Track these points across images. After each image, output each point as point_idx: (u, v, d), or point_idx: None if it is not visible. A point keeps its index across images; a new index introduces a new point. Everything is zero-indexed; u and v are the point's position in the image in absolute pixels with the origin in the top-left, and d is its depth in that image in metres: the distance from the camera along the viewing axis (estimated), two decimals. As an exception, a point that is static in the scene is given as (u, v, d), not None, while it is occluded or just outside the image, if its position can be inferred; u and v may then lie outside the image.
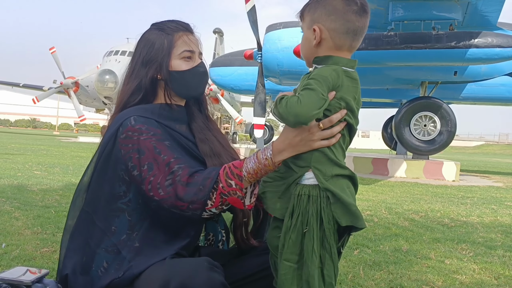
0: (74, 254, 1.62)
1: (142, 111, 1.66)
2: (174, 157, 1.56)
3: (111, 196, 1.61)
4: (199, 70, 1.75)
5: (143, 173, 1.54)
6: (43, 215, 4.19)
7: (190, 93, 1.78)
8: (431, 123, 10.89)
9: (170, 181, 1.51)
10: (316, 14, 1.51)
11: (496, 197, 7.67)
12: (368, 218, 4.92)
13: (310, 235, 1.43)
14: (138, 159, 1.55)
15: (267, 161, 1.48)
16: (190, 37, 1.76)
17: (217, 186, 1.50)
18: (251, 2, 10.87)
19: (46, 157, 11.46)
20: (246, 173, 1.49)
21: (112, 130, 1.63)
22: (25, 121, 76.20)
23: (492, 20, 9.58)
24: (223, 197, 1.51)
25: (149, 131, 1.59)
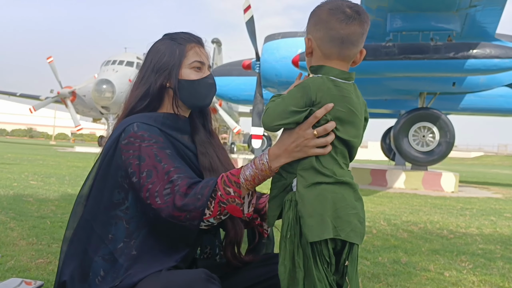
0: (72, 261, 1.60)
1: (146, 118, 1.66)
2: (174, 166, 1.55)
3: (110, 203, 1.59)
4: (208, 81, 1.77)
5: (141, 180, 1.53)
6: (38, 225, 4.14)
7: (197, 103, 1.78)
8: (430, 134, 10.89)
9: (168, 190, 1.50)
10: (308, 26, 1.56)
11: (495, 208, 7.64)
12: (367, 229, 4.88)
13: (291, 241, 1.42)
14: (138, 165, 1.55)
15: (263, 166, 1.48)
16: (202, 49, 1.78)
17: (215, 195, 1.49)
18: (250, 12, 10.92)
19: (42, 167, 11.41)
20: (244, 180, 1.49)
21: (114, 136, 1.63)
22: (22, 131, 75.96)
23: (490, 31, 9.63)
24: (221, 206, 1.49)
25: (151, 138, 1.59)
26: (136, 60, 30.57)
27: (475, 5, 8.57)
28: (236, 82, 15.04)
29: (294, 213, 1.42)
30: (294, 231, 1.41)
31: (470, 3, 8.49)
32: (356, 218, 1.43)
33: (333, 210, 1.40)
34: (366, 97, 6.42)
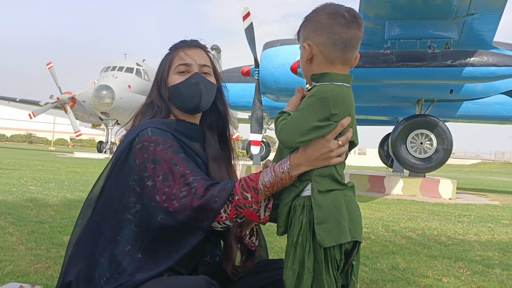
0: (79, 262, 1.61)
1: (159, 123, 1.68)
2: (190, 169, 1.57)
3: (121, 206, 1.60)
4: (191, 81, 1.75)
5: (157, 184, 1.54)
6: (37, 230, 4.15)
7: (186, 106, 1.77)
8: (428, 141, 10.92)
9: (185, 192, 1.51)
10: (306, 31, 1.54)
11: (493, 215, 7.66)
12: (365, 235, 4.90)
13: (302, 246, 1.42)
14: (153, 169, 1.56)
15: (284, 174, 1.47)
16: (189, 51, 1.79)
17: (232, 199, 1.50)
18: (249, 19, 10.97)
19: (41, 173, 11.40)
20: (262, 186, 1.50)
21: (128, 140, 1.64)
22: (21, 136, 75.92)
23: (487, 39, 9.69)
24: (238, 210, 1.50)
25: (166, 143, 1.60)
26: (136, 66, 30.65)
27: (473, 13, 8.63)
28: (235, 88, 15.07)
29: (308, 218, 1.43)
30: (306, 236, 1.42)
31: (468, 11, 8.55)
32: (360, 218, 1.50)
33: (348, 214, 1.44)
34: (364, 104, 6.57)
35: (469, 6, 8.33)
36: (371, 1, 8.45)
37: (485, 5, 8.27)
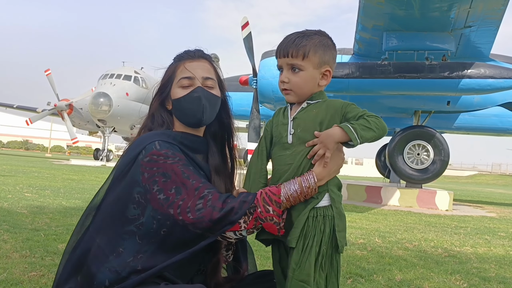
0: (72, 272, 1.60)
1: (165, 136, 1.66)
2: (202, 182, 1.57)
3: (124, 218, 1.58)
4: (193, 96, 1.73)
5: (171, 197, 1.53)
6: (32, 238, 4.12)
7: (189, 120, 1.75)
8: (424, 152, 10.94)
9: (200, 205, 1.51)
10: (327, 57, 1.66)
11: (489, 227, 7.65)
12: (362, 246, 4.88)
13: (327, 253, 1.53)
14: (164, 182, 1.54)
15: (309, 189, 1.54)
16: (192, 63, 1.76)
17: (254, 211, 1.52)
18: (247, 29, 11.00)
19: (37, 179, 11.36)
20: (285, 200, 1.54)
21: (133, 153, 1.62)
22: (18, 143, 75.67)
23: (485, 52, 9.74)
24: (258, 221, 1.52)
25: (175, 156, 1.60)
26: (134, 74, 30.67)
27: (470, 25, 8.68)
28: (233, 97, 15.02)
29: (330, 227, 1.54)
30: (328, 244, 1.54)
31: (465, 23, 8.61)
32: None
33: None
34: (361, 115, 6.25)
35: (467, 18, 8.39)
36: (369, 13, 8.50)
37: (482, 17, 8.33)
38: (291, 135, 1.62)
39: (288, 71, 1.65)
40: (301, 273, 1.49)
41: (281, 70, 1.69)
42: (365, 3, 8.16)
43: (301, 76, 1.64)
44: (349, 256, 4.31)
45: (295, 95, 1.65)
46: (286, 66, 1.66)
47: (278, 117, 1.72)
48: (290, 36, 1.67)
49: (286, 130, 1.65)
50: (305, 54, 1.62)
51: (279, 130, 1.67)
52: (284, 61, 1.65)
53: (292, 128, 1.63)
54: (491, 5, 7.85)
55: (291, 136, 1.62)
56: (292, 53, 1.63)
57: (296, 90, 1.65)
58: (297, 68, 1.64)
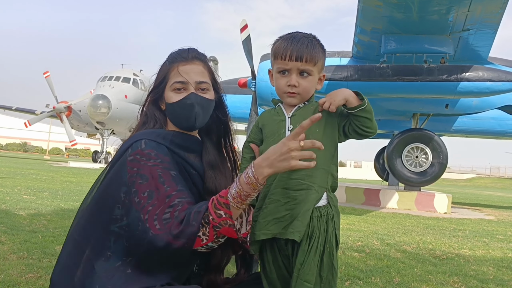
0: (65, 276, 1.58)
1: (154, 135, 1.65)
2: (177, 189, 1.54)
3: (108, 218, 1.56)
4: (186, 102, 1.72)
5: (142, 200, 1.51)
6: (30, 240, 4.11)
7: (182, 124, 1.75)
8: (423, 155, 10.95)
9: (168, 214, 1.49)
10: (324, 63, 1.71)
11: (487, 230, 7.65)
12: (360, 248, 4.88)
13: (330, 252, 1.55)
14: (140, 184, 1.53)
15: (249, 179, 1.47)
16: (186, 66, 1.74)
17: (208, 220, 1.48)
18: (246, 31, 11.02)
19: (35, 181, 11.34)
20: (232, 199, 1.48)
21: (121, 150, 1.63)
22: (16, 145, 75.66)
23: (483, 55, 9.75)
24: (216, 230, 1.49)
25: (157, 158, 1.57)
26: (133, 77, 30.68)
27: (468, 28, 8.70)
28: (231, 100, 15.00)
29: (333, 226, 1.57)
30: (331, 243, 1.56)
31: (464, 26, 8.62)
32: None
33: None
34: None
35: (465, 21, 8.41)
36: (368, 16, 8.52)
37: (481, 21, 8.35)
38: (290, 130, 1.63)
39: (298, 75, 1.65)
40: (305, 273, 1.51)
41: (283, 73, 1.67)
42: (363, 6, 8.18)
43: (310, 81, 1.66)
44: (347, 258, 4.31)
45: (300, 98, 1.67)
46: (296, 70, 1.64)
47: (270, 116, 1.72)
48: (296, 38, 1.66)
49: (283, 126, 1.65)
50: (317, 60, 1.65)
51: (275, 127, 1.67)
52: (296, 65, 1.64)
53: (291, 124, 1.64)
54: (489, 9, 7.87)
55: (290, 132, 1.62)
56: (307, 59, 1.63)
57: (303, 94, 1.66)
58: (306, 72, 1.65)
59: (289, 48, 1.63)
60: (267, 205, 1.57)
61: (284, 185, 1.57)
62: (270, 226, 1.55)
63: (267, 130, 1.69)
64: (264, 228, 1.56)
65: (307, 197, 1.55)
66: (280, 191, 1.57)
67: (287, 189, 1.56)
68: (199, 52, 1.83)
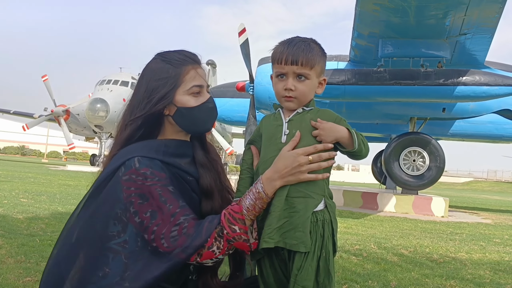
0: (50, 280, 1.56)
1: (146, 150, 1.60)
2: (179, 206, 1.53)
3: (104, 235, 1.53)
4: (208, 106, 1.71)
5: (145, 221, 1.49)
6: (27, 243, 4.12)
7: (198, 129, 1.73)
8: (420, 159, 10.97)
9: (175, 232, 1.48)
10: (324, 67, 1.71)
11: (484, 233, 7.68)
12: (357, 252, 4.89)
13: (326, 257, 1.54)
14: (140, 204, 1.50)
15: (260, 194, 1.52)
16: (199, 70, 1.71)
17: (222, 234, 1.50)
18: (244, 35, 11.05)
19: (33, 185, 11.33)
20: (246, 211, 1.52)
21: (113, 167, 1.57)
22: (14, 148, 75.47)
23: (480, 59, 9.79)
24: (230, 243, 1.51)
25: (154, 176, 1.54)
26: (131, 80, 30.71)
27: (465, 33, 8.74)
28: (230, 103, 15.10)
29: (329, 231, 1.57)
30: (328, 248, 1.56)
31: (460, 31, 8.66)
32: None
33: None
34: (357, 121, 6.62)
35: (462, 26, 8.44)
36: (365, 20, 8.55)
37: (477, 25, 8.39)
38: (286, 135, 1.63)
39: (294, 79, 1.65)
40: (303, 279, 1.50)
41: (281, 77, 1.68)
42: (360, 10, 8.21)
43: (307, 85, 1.66)
44: (345, 262, 4.32)
45: (298, 102, 1.66)
46: (292, 74, 1.65)
47: (269, 120, 1.73)
48: (293, 42, 1.67)
49: (280, 131, 1.65)
50: (314, 63, 1.64)
51: (272, 131, 1.67)
52: (292, 68, 1.64)
53: (288, 129, 1.65)
54: (486, 13, 7.91)
55: (286, 137, 1.63)
56: (303, 62, 1.63)
57: (300, 98, 1.66)
58: (304, 76, 1.65)
59: (285, 52, 1.65)
60: (271, 213, 1.57)
61: (286, 192, 1.57)
62: (273, 234, 1.55)
63: (265, 135, 1.69)
64: (267, 236, 1.56)
65: (306, 206, 1.55)
66: (282, 198, 1.57)
67: (286, 196, 1.57)
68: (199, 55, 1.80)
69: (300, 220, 1.53)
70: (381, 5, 7.89)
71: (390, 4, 7.78)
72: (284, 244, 1.53)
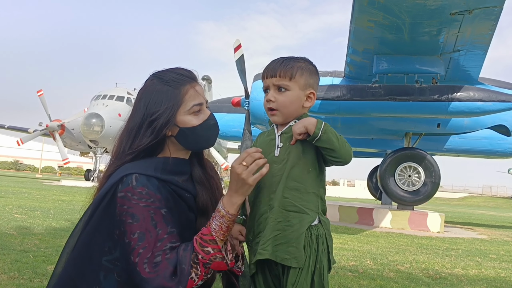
0: None
1: (144, 167, 1.59)
2: (168, 231, 1.53)
3: (98, 249, 1.53)
4: (210, 123, 1.71)
5: (132, 242, 1.49)
6: (20, 259, 4.07)
7: (201, 147, 1.74)
8: (416, 174, 10.99)
9: (159, 258, 1.48)
10: (312, 81, 1.70)
11: (480, 249, 7.66)
12: (353, 268, 4.87)
13: (321, 273, 1.54)
14: (130, 224, 1.50)
15: (221, 213, 1.55)
16: (197, 87, 1.70)
17: (198, 260, 1.50)
18: (240, 51, 11.13)
19: (27, 200, 11.25)
20: (215, 233, 1.53)
21: (110, 183, 1.56)
22: (8, 163, 75.07)
23: (473, 75, 9.88)
24: (206, 267, 1.51)
25: (149, 197, 1.53)
26: (127, 95, 30.74)
27: (459, 49, 8.83)
28: (225, 118, 15.14)
29: (324, 246, 1.57)
30: (323, 263, 1.56)
31: (454, 47, 8.75)
32: None
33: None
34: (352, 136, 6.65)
35: (455, 42, 8.54)
36: (360, 37, 8.63)
37: (471, 42, 8.48)
38: (279, 148, 1.65)
39: (275, 91, 1.69)
40: None
41: (266, 92, 1.72)
42: (355, 27, 8.29)
43: (288, 96, 1.68)
44: (341, 278, 4.30)
45: (281, 115, 1.68)
46: (273, 87, 1.69)
47: (263, 136, 1.76)
48: (277, 59, 1.72)
49: (273, 145, 1.68)
50: (292, 75, 1.67)
51: (267, 147, 1.69)
52: (271, 81, 1.68)
53: (281, 142, 1.66)
54: (479, 30, 8.01)
55: (279, 150, 1.65)
56: (280, 73, 1.67)
57: (282, 110, 1.68)
58: (283, 88, 1.68)
59: (266, 67, 1.72)
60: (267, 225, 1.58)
61: (280, 204, 1.58)
62: (267, 246, 1.55)
63: (261, 148, 1.71)
64: (261, 248, 1.56)
65: (301, 221, 1.55)
66: (277, 209, 1.58)
67: (281, 208, 1.58)
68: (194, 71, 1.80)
69: (294, 235, 1.54)
70: (376, 22, 7.98)
71: (384, 21, 7.87)
72: (275, 257, 1.54)
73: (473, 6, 7.22)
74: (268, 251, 1.54)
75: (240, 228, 1.71)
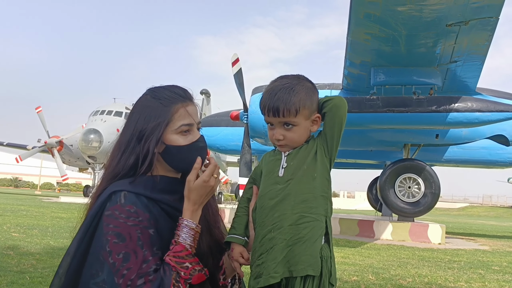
0: None
1: (133, 185, 1.56)
2: (153, 253, 1.49)
3: (86, 275, 1.49)
4: (198, 145, 1.67)
5: (117, 263, 1.45)
6: (17, 281, 4.02)
7: (187, 167, 1.66)
8: (415, 185, 10.96)
9: (142, 280, 1.45)
10: (314, 105, 1.66)
11: (483, 261, 7.59)
12: (355, 284, 4.81)
13: None
14: (115, 244, 1.46)
15: (191, 227, 1.55)
16: (189, 107, 1.67)
17: (179, 278, 1.48)
18: (238, 65, 11.16)
19: (25, 218, 11.17)
20: (190, 247, 1.53)
21: (100, 202, 1.54)
22: (7, 180, 74.94)
23: (471, 86, 9.89)
24: (187, 282, 1.49)
25: (137, 216, 1.50)
26: (125, 110, 30.80)
27: (456, 60, 8.85)
28: (224, 132, 15.15)
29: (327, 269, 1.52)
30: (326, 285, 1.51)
31: (451, 59, 8.77)
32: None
33: None
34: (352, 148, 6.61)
35: (452, 54, 8.56)
36: (357, 49, 8.65)
37: (468, 53, 8.50)
38: (284, 168, 1.62)
39: (281, 128, 1.64)
40: None
41: (271, 125, 1.67)
42: (352, 40, 8.31)
43: (296, 131, 1.64)
44: (342, 294, 4.24)
45: (292, 146, 1.66)
46: (278, 124, 1.64)
47: (269, 156, 1.73)
48: (274, 90, 1.64)
49: (278, 165, 1.64)
50: (297, 111, 1.62)
51: (271, 166, 1.66)
52: (276, 120, 1.63)
53: (286, 162, 1.63)
54: (476, 41, 8.03)
55: (283, 170, 1.62)
56: (284, 113, 1.61)
57: (291, 144, 1.66)
58: (290, 124, 1.63)
59: (267, 103, 1.64)
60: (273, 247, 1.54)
61: (291, 222, 1.54)
62: (279, 268, 1.52)
63: (265, 170, 1.69)
64: (273, 271, 1.52)
65: (312, 229, 1.52)
66: (287, 228, 1.54)
67: (293, 225, 1.54)
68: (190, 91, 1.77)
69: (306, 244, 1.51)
70: (372, 35, 8.00)
71: (381, 33, 7.89)
72: (290, 273, 1.50)
73: (469, 17, 7.24)
74: (279, 273, 1.51)
75: (242, 249, 1.67)
